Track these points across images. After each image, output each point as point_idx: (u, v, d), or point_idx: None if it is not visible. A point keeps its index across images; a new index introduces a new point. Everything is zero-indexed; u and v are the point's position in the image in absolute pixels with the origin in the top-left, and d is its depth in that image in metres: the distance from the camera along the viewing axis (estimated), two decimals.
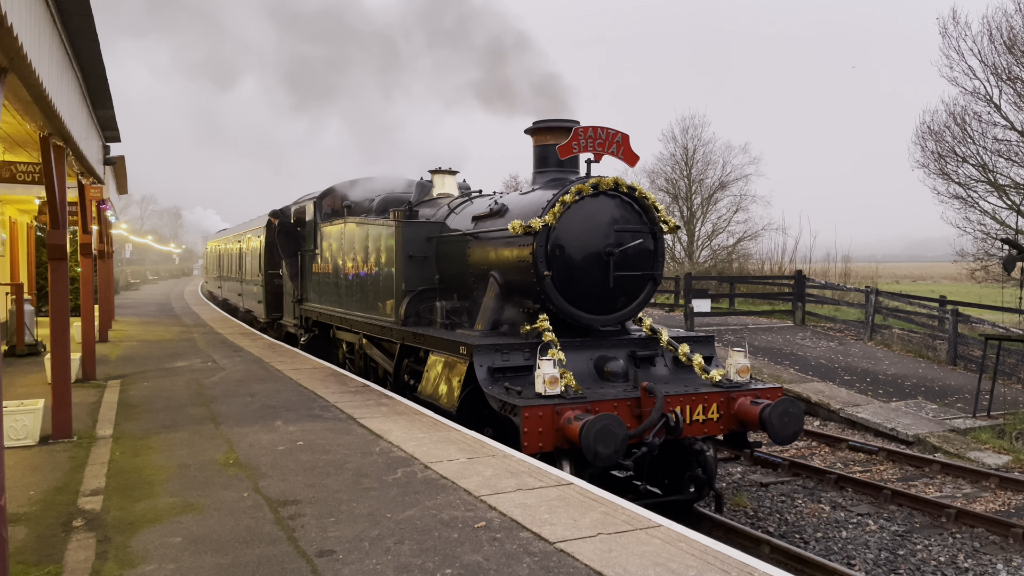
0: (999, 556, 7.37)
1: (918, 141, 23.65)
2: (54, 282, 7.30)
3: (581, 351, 7.49)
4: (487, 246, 8.40)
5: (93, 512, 4.95)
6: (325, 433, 6.94)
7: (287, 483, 5.45)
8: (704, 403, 7.09)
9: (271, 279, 16.89)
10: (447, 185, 11.24)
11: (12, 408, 6.88)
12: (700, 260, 34.23)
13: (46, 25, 5.34)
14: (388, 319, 9.77)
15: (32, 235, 19.30)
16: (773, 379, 14.29)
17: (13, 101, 5.57)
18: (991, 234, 22.54)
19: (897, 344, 18.30)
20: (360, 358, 11.42)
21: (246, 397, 8.88)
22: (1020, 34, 20.94)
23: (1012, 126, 21.54)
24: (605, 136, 7.79)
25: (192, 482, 5.54)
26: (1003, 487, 9.44)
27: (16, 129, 8.53)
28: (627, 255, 7.74)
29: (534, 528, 4.45)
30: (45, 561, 4.18)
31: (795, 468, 10.11)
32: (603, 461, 6.06)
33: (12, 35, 3.89)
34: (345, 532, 4.46)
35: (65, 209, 7.17)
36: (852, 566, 7.13)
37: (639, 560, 3.98)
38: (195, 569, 3.97)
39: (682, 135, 35.53)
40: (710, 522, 7.60)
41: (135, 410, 8.30)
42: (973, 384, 13.78)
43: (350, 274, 11.34)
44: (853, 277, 30.33)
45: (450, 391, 7.49)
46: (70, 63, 6.96)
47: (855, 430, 12.59)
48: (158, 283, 60.35)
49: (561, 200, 7.50)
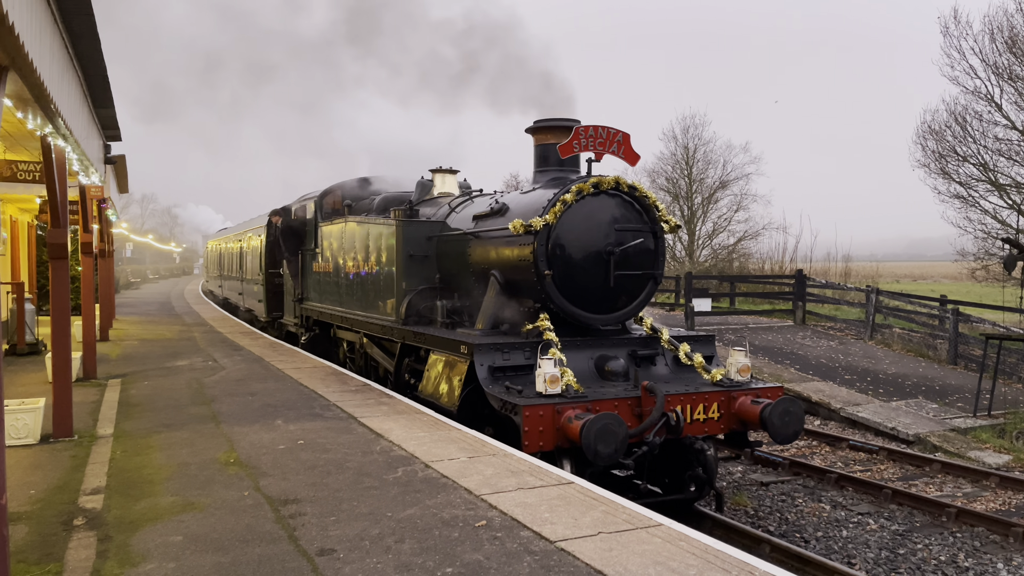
0: (999, 555, 7.37)
1: (919, 140, 23.68)
2: (55, 281, 7.31)
3: (582, 350, 7.49)
4: (488, 245, 8.40)
5: (94, 511, 4.95)
6: (326, 432, 6.95)
7: (288, 482, 5.45)
8: (705, 402, 7.09)
9: (272, 278, 16.91)
10: (448, 184, 11.24)
11: (13, 407, 6.88)
12: (701, 259, 34.23)
13: (47, 24, 5.34)
14: (389, 318, 9.77)
15: (33, 234, 19.31)
16: (774, 378, 14.29)
17: (14, 100, 5.57)
18: (992, 233, 22.56)
19: (897, 343, 18.30)
20: (361, 357, 11.42)
21: (247, 396, 8.89)
22: (1021, 33, 20.94)
23: (1013, 125, 21.54)
24: (606, 135, 7.79)
25: (193, 481, 5.54)
26: (1003, 486, 9.44)
27: (17, 128, 8.53)
28: (628, 254, 7.74)
29: (535, 527, 4.46)
30: (46, 560, 4.18)
31: (795, 467, 10.10)
32: (604, 460, 6.06)
33: (13, 33, 3.89)
34: (346, 531, 4.46)
35: (66, 208, 7.18)
36: (852, 565, 7.13)
37: (640, 559, 3.98)
38: (196, 568, 3.97)
39: (683, 134, 35.53)
40: (711, 521, 7.60)
41: (136, 409, 8.31)
42: (973, 383, 13.77)
43: (351, 273, 11.34)
44: (854, 276, 30.33)
45: (451, 390, 7.49)
46: (71, 62, 6.96)
47: (855, 429, 12.59)
48: (159, 282, 60.39)
49: (562, 199, 7.50)
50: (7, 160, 10.83)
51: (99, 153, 11.33)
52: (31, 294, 15.85)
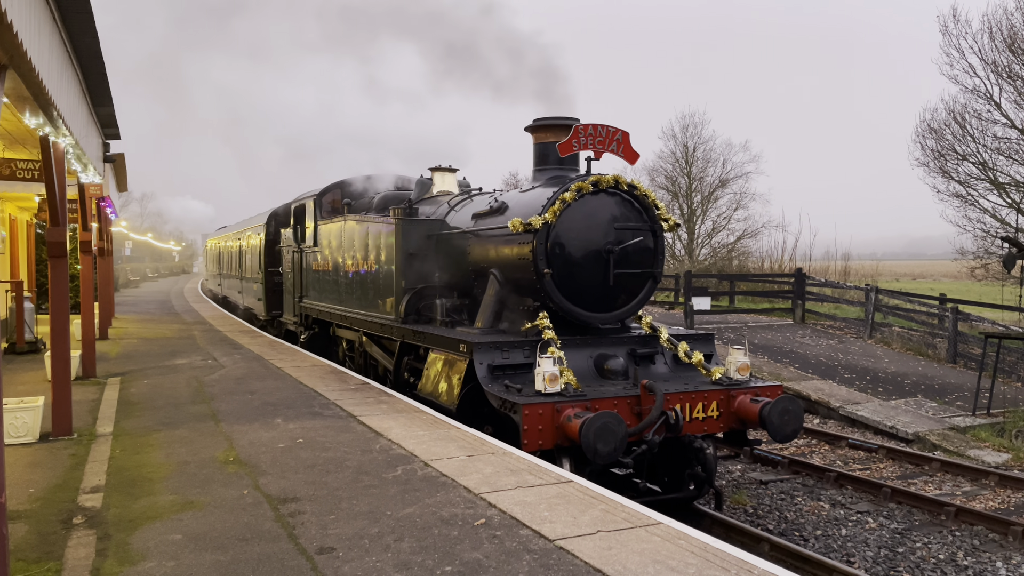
0: (998, 554, 7.38)
1: (918, 139, 23.67)
2: (54, 279, 7.30)
3: (581, 349, 7.49)
4: (487, 244, 8.40)
5: (93, 509, 4.95)
6: (325, 431, 6.95)
7: (287, 480, 5.45)
8: (704, 401, 7.09)
9: (271, 276, 16.92)
10: (447, 183, 11.24)
11: (12, 405, 6.88)
12: (700, 258, 34.23)
13: (46, 22, 5.33)
14: (388, 317, 9.77)
15: (32, 232, 19.30)
16: (773, 377, 14.29)
17: (13, 98, 5.56)
18: (991, 232, 22.55)
19: (897, 342, 18.30)
20: (360, 356, 11.43)
21: (246, 395, 8.89)
22: (1020, 32, 20.93)
23: (1012, 124, 21.53)
24: (605, 134, 7.79)
25: (192, 479, 5.54)
26: (1002, 485, 9.45)
27: (16, 126, 8.53)
28: (627, 253, 7.74)
29: (534, 526, 4.46)
30: (45, 558, 4.18)
31: (795, 466, 10.11)
32: (603, 459, 6.06)
33: (12, 32, 3.89)
34: (345, 529, 4.46)
35: (65, 206, 7.17)
36: (851, 564, 7.14)
37: (639, 558, 3.98)
38: (195, 566, 3.97)
39: (682, 133, 35.55)
40: (710, 520, 7.60)
41: (135, 407, 8.30)
42: (973, 382, 13.78)
43: (350, 272, 11.34)
44: (853, 275, 30.35)
45: (450, 389, 7.49)
46: (70, 60, 6.96)
47: (855, 428, 12.59)
48: (158, 280, 60.38)
49: (561, 198, 7.50)
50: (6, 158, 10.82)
51: (98, 151, 11.32)
52: (30, 292, 15.84)
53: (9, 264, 16.06)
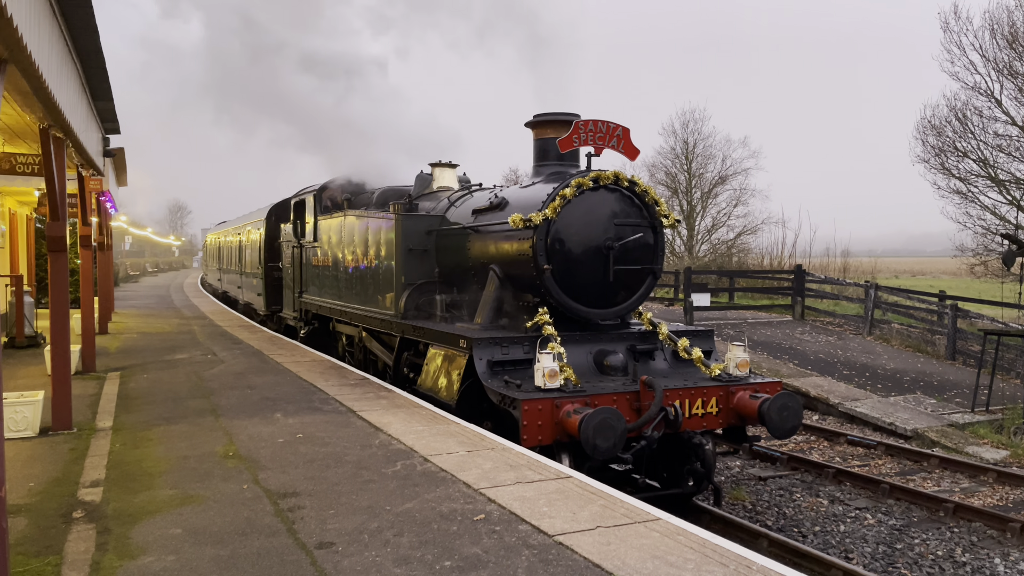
0: (996, 550, 7.39)
1: (919, 136, 23.63)
2: (54, 274, 7.30)
3: (581, 345, 7.50)
4: (487, 239, 8.40)
5: (93, 503, 4.96)
6: (325, 426, 6.96)
7: (286, 475, 5.46)
8: (703, 397, 7.10)
9: (271, 271, 16.91)
10: (447, 178, 11.23)
11: (12, 400, 6.88)
12: (700, 254, 34.23)
13: (46, 16, 5.32)
14: (388, 312, 9.77)
15: (32, 227, 19.29)
16: (772, 373, 14.31)
17: (13, 92, 5.56)
18: (991, 229, 22.54)
19: (896, 339, 18.31)
20: (360, 351, 11.43)
21: (246, 389, 8.89)
22: (1021, 29, 20.89)
23: (1013, 121, 21.50)
24: (605, 130, 7.78)
25: (192, 474, 5.55)
26: (1001, 481, 9.46)
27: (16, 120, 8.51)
28: (627, 249, 7.73)
29: (533, 521, 4.47)
30: (45, 552, 4.19)
31: (794, 462, 10.13)
32: (602, 454, 6.07)
33: (12, 26, 3.88)
34: (344, 524, 4.47)
35: (65, 201, 7.16)
36: (850, 560, 7.15)
37: (638, 553, 3.99)
38: (194, 561, 3.98)
39: (682, 129, 35.54)
40: (709, 516, 7.62)
41: (135, 402, 8.31)
42: (972, 379, 13.80)
43: (350, 267, 11.34)
44: (852, 272, 30.33)
45: (449, 384, 7.50)
46: (70, 55, 6.94)
47: (854, 424, 12.61)
48: (158, 275, 60.35)
49: (561, 194, 7.50)
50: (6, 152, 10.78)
51: (98, 146, 11.32)
52: (30, 287, 15.84)
53: (9, 258, 16.06)
